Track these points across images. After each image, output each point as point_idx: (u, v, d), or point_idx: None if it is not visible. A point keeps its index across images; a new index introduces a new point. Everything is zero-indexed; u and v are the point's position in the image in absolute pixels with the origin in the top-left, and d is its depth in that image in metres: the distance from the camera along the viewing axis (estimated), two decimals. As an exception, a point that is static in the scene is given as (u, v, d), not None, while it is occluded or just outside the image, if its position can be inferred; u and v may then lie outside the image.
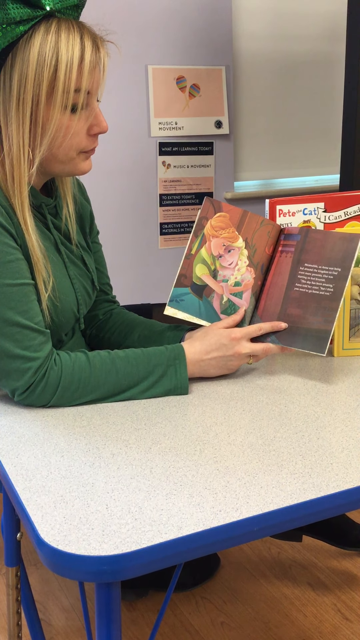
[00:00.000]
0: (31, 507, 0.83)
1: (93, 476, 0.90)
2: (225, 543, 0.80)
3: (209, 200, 1.25)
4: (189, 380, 1.18)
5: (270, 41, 2.94)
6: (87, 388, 1.10)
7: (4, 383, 1.09)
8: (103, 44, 1.10)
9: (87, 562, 0.74)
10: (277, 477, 0.89)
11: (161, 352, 1.15)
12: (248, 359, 1.19)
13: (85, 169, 1.17)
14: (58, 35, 1.04)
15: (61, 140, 1.10)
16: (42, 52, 1.04)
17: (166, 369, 1.13)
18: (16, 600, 1.35)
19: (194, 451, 0.96)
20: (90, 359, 1.11)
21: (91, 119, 1.13)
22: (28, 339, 1.07)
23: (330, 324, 1.16)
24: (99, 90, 1.12)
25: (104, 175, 2.65)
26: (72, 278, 1.23)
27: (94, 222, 1.37)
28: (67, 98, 1.06)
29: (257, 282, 1.26)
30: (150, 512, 0.82)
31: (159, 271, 2.83)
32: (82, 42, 1.06)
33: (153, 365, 1.13)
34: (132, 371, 1.12)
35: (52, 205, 1.22)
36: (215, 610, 1.68)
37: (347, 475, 0.89)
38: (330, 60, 3.08)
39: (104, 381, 1.10)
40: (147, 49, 2.63)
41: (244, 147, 3.01)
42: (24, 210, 1.10)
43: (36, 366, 1.07)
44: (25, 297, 1.08)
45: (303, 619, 1.64)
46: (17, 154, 1.08)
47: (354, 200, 1.35)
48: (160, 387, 1.13)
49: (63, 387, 1.08)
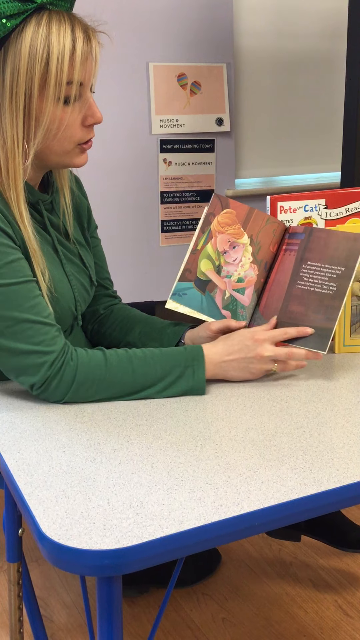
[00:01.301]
0: (33, 501, 0.83)
1: (94, 471, 0.90)
2: (226, 537, 0.80)
3: (217, 197, 1.25)
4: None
5: (271, 38, 2.94)
6: (102, 386, 1.09)
7: (22, 379, 1.10)
8: (95, 34, 1.10)
9: (88, 556, 0.74)
10: (278, 472, 0.89)
11: (180, 352, 1.14)
12: (271, 364, 1.16)
13: (81, 162, 1.17)
14: (49, 28, 1.04)
15: (55, 132, 1.10)
16: (33, 46, 1.04)
17: (184, 369, 1.12)
18: (18, 596, 1.35)
19: (195, 446, 0.96)
20: (107, 357, 1.11)
21: (85, 110, 1.13)
22: (40, 333, 1.08)
23: (332, 322, 1.16)
24: (93, 81, 1.13)
25: (105, 172, 2.65)
26: (69, 276, 1.23)
27: (91, 217, 1.37)
28: (59, 90, 1.07)
29: (260, 279, 1.26)
30: (151, 506, 0.82)
31: (160, 269, 2.84)
32: (74, 33, 1.06)
33: (171, 365, 1.12)
34: (149, 371, 1.11)
35: (49, 201, 1.22)
36: (216, 606, 1.68)
37: (348, 471, 0.89)
38: (331, 58, 3.07)
39: (119, 380, 1.10)
40: (148, 46, 2.63)
41: (245, 144, 3.01)
42: (20, 203, 1.10)
43: (51, 360, 1.07)
44: (30, 292, 1.08)
45: (304, 615, 1.64)
46: (12, 147, 1.08)
47: (355, 196, 1.35)
48: (177, 388, 1.12)
49: (78, 383, 1.08)
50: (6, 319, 1.06)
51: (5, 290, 1.06)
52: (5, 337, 1.07)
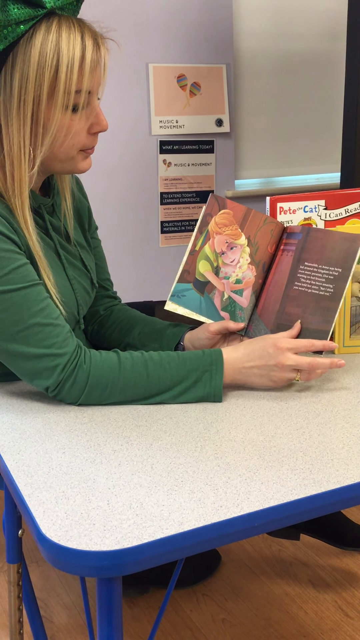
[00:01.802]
0: (33, 503, 0.83)
1: (94, 472, 0.90)
2: (226, 538, 0.80)
3: (214, 197, 1.25)
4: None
5: (271, 39, 2.94)
6: (115, 389, 1.09)
7: (36, 383, 1.09)
8: (103, 41, 1.09)
9: (88, 557, 0.74)
10: (278, 473, 0.89)
11: (198, 356, 1.12)
12: (294, 373, 1.12)
13: (84, 167, 1.17)
14: (59, 35, 1.03)
15: (62, 139, 1.10)
16: (43, 53, 1.03)
17: (201, 374, 1.10)
18: (17, 597, 1.35)
19: (195, 447, 0.96)
20: (121, 360, 1.09)
21: (92, 118, 1.12)
22: (51, 336, 1.07)
23: (329, 324, 1.16)
24: (100, 89, 1.12)
25: (105, 173, 2.65)
26: (72, 280, 1.23)
27: (92, 218, 1.37)
28: (68, 98, 1.06)
29: (258, 280, 1.27)
30: (151, 507, 0.82)
31: (160, 269, 2.84)
32: (83, 41, 1.05)
33: (187, 370, 1.10)
34: (164, 375, 1.10)
35: (50, 204, 1.22)
36: (216, 607, 1.68)
37: (348, 471, 0.90)
38: (330, 59, 3.08)
39: (133, 383, 1.09)
40: (148, 47, 2.63)
41: (245, 145, 3.01)
42: (25, 210, 1.09)
43: (64, 362, 1.07)
44: (39, 295, 1.08)
45: (304, 615, 1.64)
46: (18, 154, 1.08)
47: (355, 197, 1.35)
48: (193, 394, 1.10)
49: (91, 386, 1.08)
50: (17, 323, 1.06)
51: (14, 295, 1.06)
52: (17, 342, 1.06)
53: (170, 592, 0.93)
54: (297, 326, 1.17)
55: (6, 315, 1.05)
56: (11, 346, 1.07)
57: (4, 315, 1.05)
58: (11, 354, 1.08)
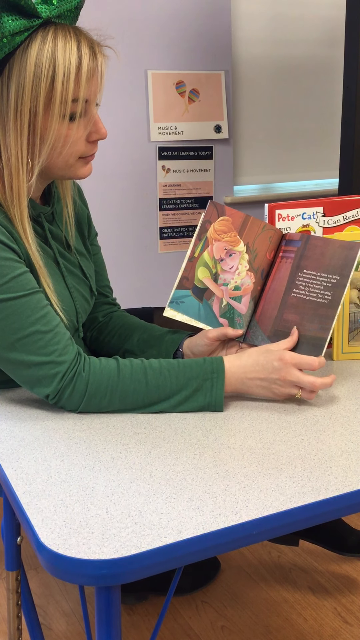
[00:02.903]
0: (31, 511, 0.83)
1: (93, 480, 0.90)
2: (225, 546, 0.80)
3: (213, 204, 1.25)
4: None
5: (269, 46, 2.95)
6: (115, 396, 1.08)
7: (37, 391, 1.09)
8: (101, 49, 1.09)
9: (87, 565, 0.74)
10: (277, 481, 0.89)
11: (198, 364, 1.11)
12: (295, 389, 1.11)
13: (85, 173, 1.17)
14: (55, 44, 1.03)
15: (60, 149, 1.10)
16: (39, 63, 1.03)
17: (202, 382, 1.09)
18: (16, 605, 1.35)
19: (193, 455, 0.96)
20: (121, 368, 1.09)
21: (90, 126, 1.12)
22: (51, 343, 1.07)
23: (326, 331, 1.16)
24: (98, 96, 1.12)
25: (104, 179, 2.65)
26: (71, 288, 1.23)
27: (91, 225, 1.37)
28: (65, 108, 1.06)
29: (257, 287, 1.27)
30: (150, 515, 0.82)
31: (159, 275, 2.84)
32: (80, 50, 1.05)
33: (187, 378, 1.09)
34: (164, 383, 1.09)
35: (49, 212, 1.22)
36: (215, 614, 1.68)
37: (347, 479, 0.90)
38: (329, 65, 3.09)
39: (132, 391, 1.08)
40: (146, 53, 2.63)
41: (244, 151, 3.01)
42: (24, 220, 1.09)
43: (64, 370, 1.07)
44: (38, 303, 1.08)
45: (303, 622, 1.64)
46: (16, 165, 1.08)
47: (353, 204, 1.35)
48: (193, 403, 1.09)
49: (90, 394, 1.08)
50: (17, 331, 1.06)
51: (15, 304, 1.05)
52: (18, 350, 1.06)
53: (169, 599, 0.93)
54: (294, 333, 1.17)
55: (6, 324, 1.05)
56: (11, 354, 1.07)
57: (4, 324, 1.05)
58: (11, 362, 1.08)
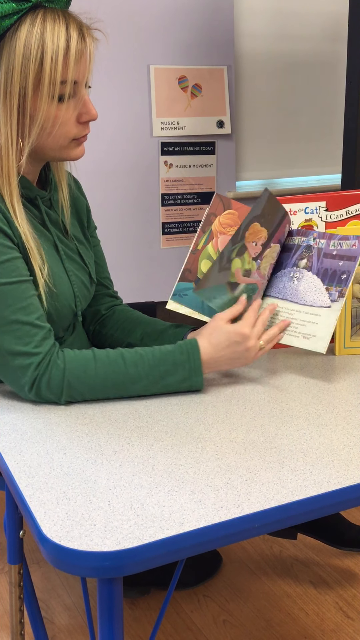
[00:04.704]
0: (34, 503, 0.83)
1: (95, 473, 0.90)
2: (227, 539, 0.80)
3: (219, 197, 1.25)
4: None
5: (272, 41, 2.95)
6: (95, 380, 1.09)
7: (10, 382, 1.10)
8: (90, 32, 1.11)
9: (89, 558, 0.75)
10: (279, 474, 0.89)
11: (173, 346, 1.14)
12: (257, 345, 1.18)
13: (77, 155, 1.18)
14: (43, 27, 1.05)
15: (50, 129, 1.11)
16: (27, 45, 1.05)
17: (179, 356, 1.12)
18: (19, 598, 1.35)
19: (195, 448, 0.96)
20: (96, 353, 1.11)
21: (79, 107, 1.13)
22: (29, 335, 1.08)
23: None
24: (88, 78, 1.13)
25: (106, 175, 2.65)
26: (69, 272, 1.24)
27: (90, 217, 1.38)
28: (53, 89, 1.08)
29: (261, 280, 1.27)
30: (152, 508, 0.82)
31: (161, 270, 2.84)
32: (68, 32, 1.06)
33: (163, 353, 1.12)
34: (140, 360, 1.11)
35: (47, 198, 1.23)
36: (217, 608, 1.68)
37: (348, 472, 0.90)
38: (331, 60, 3.08)
39: (112, 371, 1.10)
40: (149, 48, 2.63)
41: (246, 146, 3.01)
42: (13, 199, 1.11)
43: (38, 360, 1.08)
44: (23, 293, 1.09)
45: (305, 617, 1.65)
46: (6, 145, 1.10)
47: (356, 199, 1.35)
48: (174, 376, 1.12)
49: (68, 379, 1.09)
50: None
51: None
52: None
53: (171, 593, 0.93)
54: (242, 300, 1.21)
55: None
56: None
57: None
58: None
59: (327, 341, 1.17)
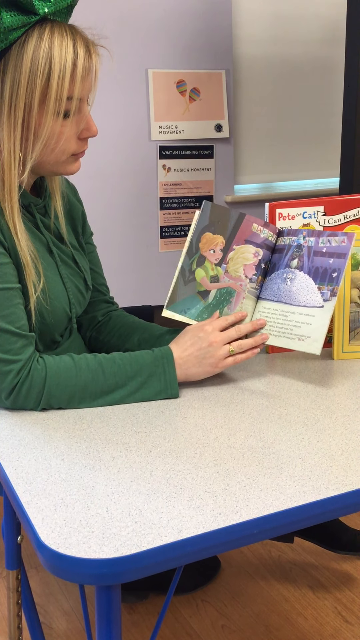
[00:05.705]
0: (32, 510, 0.83)
1: (93, 479, 0.90)
2: (225, 546, 0.80)
3: (200, 209, 1.27)
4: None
5: (270, 45, 2.95)
6: (75, 388, 1.10)
7: None
8: (95, 49, 1.10)
9: (87, 565, 0.74)
10: (277, 480, 0.89)
11: (148, 353, 1.16)
12: (227, 348, 1.17)
13: (74, 170, 1.18)
14: (51, 42, 1.04)
15: (53, 145, 1.11)
16: (35, 60, 1.04)
17: (154, 368, 1.13)
18: (17, 604, 1.35)
19: (194, 454, 0.96)
20: (76, 360, 1.12)
21: (83, 124, 1.13)
22: (9, 342, 1.08)
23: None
24: (91, 95, 1.13)
25: (105, 178, 2.65)
26: (64, 278, 1.24)
27: (86, 223, 1.37)
28: (59, 105, 1.07)
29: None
30: (150, 515, 0.82)
31: (160, 274, 2.84)
32: (75, 49, 1.06)
33: (140, 364, 1.13)
34: (119, 371, 1.12)
35: (41, 205, 1.23)
36: (215, 613, 1.68)
37: (347, 478, 0.89)
38: (329, 64, 3.08)
39: (91, 379, 1.10)
40: (147, 52, 2.63)
41: (244, 150, 3.01)
42: (14, 214, 1.10)
43: (18, 368, 1.08)
44: (7, 301, 1.08)
45: (303, 621, 1.64)
46: (8, 159, 1.09)
47: (354, 203, 1.35)
48: (150, 389, 1.13)
49: (49, 386, 1.09)
50: None
51: None
52: None
53: (169, 598, 0.93)
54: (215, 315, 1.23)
55: None
56: None
57: None
58: None
59: (321, 342, 1.18)
